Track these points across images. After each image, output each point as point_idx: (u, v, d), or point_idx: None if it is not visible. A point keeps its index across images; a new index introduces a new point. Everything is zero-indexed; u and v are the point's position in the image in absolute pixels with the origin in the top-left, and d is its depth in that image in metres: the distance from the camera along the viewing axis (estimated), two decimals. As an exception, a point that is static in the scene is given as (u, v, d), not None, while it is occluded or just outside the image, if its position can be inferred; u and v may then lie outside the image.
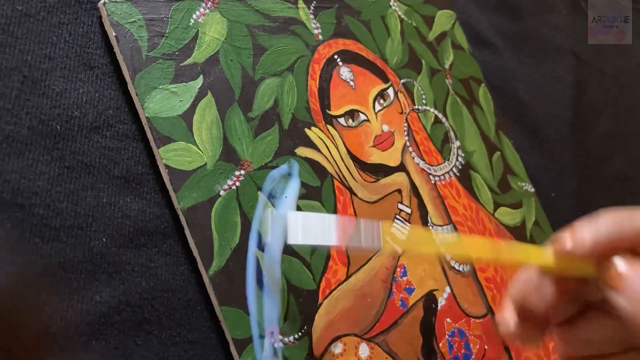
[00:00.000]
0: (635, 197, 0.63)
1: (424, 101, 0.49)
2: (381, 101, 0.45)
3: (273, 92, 0.39)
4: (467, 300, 0.44)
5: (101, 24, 0.35)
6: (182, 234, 0.34)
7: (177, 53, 0.36)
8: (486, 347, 0.44)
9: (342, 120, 0.42)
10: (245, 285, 0.34)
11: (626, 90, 0.70)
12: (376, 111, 0.45)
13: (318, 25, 0.43)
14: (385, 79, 0.46)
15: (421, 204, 0.44)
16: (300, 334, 0.35)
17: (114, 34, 0.34)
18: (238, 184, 0.36)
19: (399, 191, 0.44)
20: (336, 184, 0.40)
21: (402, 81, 0.48)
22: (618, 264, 0.24)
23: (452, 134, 0.50)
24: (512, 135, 0.55)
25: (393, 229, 0.42)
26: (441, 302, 0.43)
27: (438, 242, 0.28)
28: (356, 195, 0.41)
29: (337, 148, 0.41)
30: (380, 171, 0.43)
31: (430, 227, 0.44)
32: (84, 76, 0.34)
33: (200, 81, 0.36)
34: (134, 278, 0.33)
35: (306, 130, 0.40)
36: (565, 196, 0.58)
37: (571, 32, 0.67)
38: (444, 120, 0.50)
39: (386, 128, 0.45)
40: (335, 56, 0.44)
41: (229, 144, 0.36)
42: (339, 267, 0.38)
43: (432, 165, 0.47)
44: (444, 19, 0.54)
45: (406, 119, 0.47)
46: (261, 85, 0.39)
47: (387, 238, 0.28)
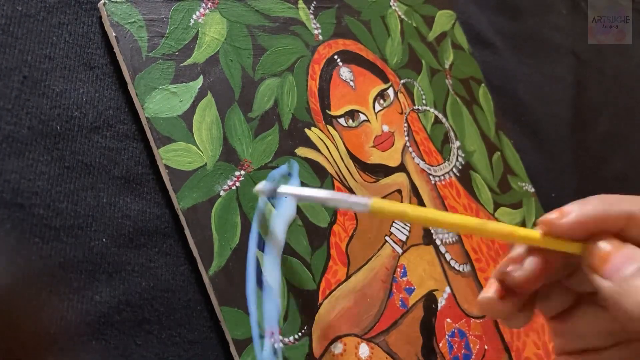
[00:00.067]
0: (636, 197, 0.63)
1: (424, 101, 0.49)
2: (381, 101, 0.45)
3: (273, 93, 0.39)
4: (467, 300, 0.44)
5: (101, 24, 0.35)
6: (182, 234, 0.34)
7: (177, 53, 0.36)
8: (486, 347, 0.44)
9: (342, 121, 0.42)
10: (245, 285, 0.34)
11: (626, 90, 0.70)
12: (376, 111, 0.45)
13: (318, 25, 0.43)
14: (385, 79, 0.46)
15: (421, 204, 0.44)
16: (300, 334, 0.35)
17: (114, 34, 0.34)
18: (238, 184, 0.36)
19: (399, 191, 0.44)
20: (336, 184, 0.40)
21: (402, 81, 0.48)
22: (602, 245, 0.24)
23: (452, 134, 0.50)
24: (512, 135, 0.55)
25: (392, 229, 0.42)
26: (441, 302, 0.43)
27: (429, 213, 0.28)
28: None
29: (337, 148, 0.41)
30: (380, 171, 0.43)
31: (431, 227, 0.44)
32: (84, 76, 0.34)
33: (200, 81, 0.36)
34: (134, 278, 0.33)
35: (306, 130, 0.40)
36: (565, 196, 0.58)
37: (571, 32, 0.67)
38: (444, 120, 0.50)
39: (386, 128, 0.45)
40: (335, 56, 0.44)
41: (229, 144, 0.36)
42: (339, 267, 0.38)
43: (432, 166, 0.47)
44: (444, 19, 0.54)
45: (406, 119, 0.47)
46: (261, 86, 0.39)
47: (377, 201, 0.28)
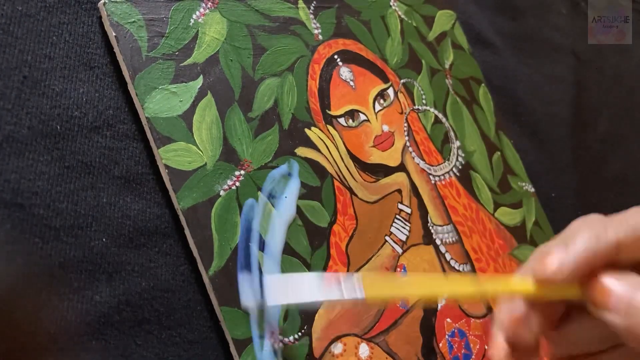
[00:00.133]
0: (636, 197, 0.63)
1: (424, 101, 0.49)
2: (381, 101, 0.45)
3: (273, 92, 0.39)
4: (467, 300, 0.44)
5: (101, 24, 0.35)
6: (182, 234, 0.34)
7: (177, 53, 0.36)
8: (486, 347, 0.44)
9: (342, 120, 0.42)
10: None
11: (626, 90, 0.70)
12: (376, 111, 0.45)
13: (318, 25, 0.43)
14: (385, 79, 0.46)
15: (421, 204, 0.44)
16: (300, 334, 0.35)
17: (114, 34, 0.34)
18: (238, 184, 0.36)
19: (399, 191, 0.44)
20: (336, 184, 0.40)
21: (402, 81, 0.48)
22: (603, 281, 0.24)
23: (452, 134, 0.50)
24: (512, 135, 0.55)
25: (392, 229, 0.42)
26: (441, 302, 0.43)
27: (423, 286, 0.28)
28: (356, 195, 0.41)
29: (337, 148, 0.41)
30: (380, 171, 0.43)
31: (430, 227, 0.44)
32: (84, 76, 0.34)
33: (200, 81, 0.36)
34: (134, 278, 0.33)
35: (306, 130, 0.40)
36: (565, 196, 0.58)
37: (571, 32, 0.67)
38: (444, 120, 0.50)
39: (386, 128, 0.45)
40: (335, 56, 0.44)
41: (229, 144, 0.36)
42: (339, 267, 0.38)
43: (432, 165, 0.47)
44: (444, 19, 0.54)
45: (406, 119, 0.47)
46: (261, 85, 0.39)
47: (369, 289, 0.27)
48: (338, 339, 0.37)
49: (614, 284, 0.24)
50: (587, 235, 0.24)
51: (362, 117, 0.43)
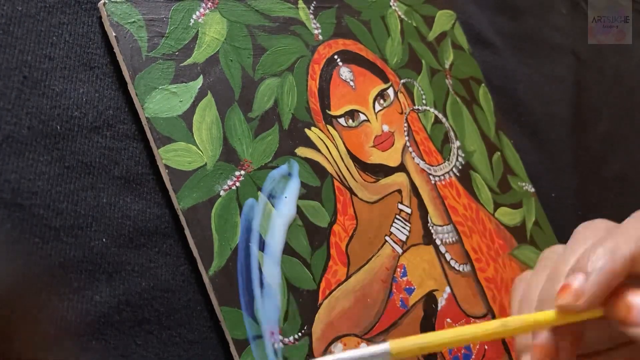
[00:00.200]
0: (635, 197, 0.63)
1: (424, 101, 0.49)
2: (381, 101, 0.45)
3: (273, 92, 0.39)
4: (467, 300, 0.44)
5: (101, 24, 0.35)
6: (182, 234, 0.34)
7: (177, 53, 0.36)
8: (486, 347, 0.44)
9: (342, 121, 0.42)
10: (246, 285, 0.34)
11: (626, 90, 0.70)
12: (376, 111, 0.45)
13: (318, 25, 0.43)
14: (385, 79, 0.46)
15: (421, 204, 0.44)
16: (300, 334, 0.35)
17: (114, 34, 0.34)
18: (238, 184, 0.36)
19: (399, 191, 0.44)
20: (336, 184, 0.40)
21: (402, 81, 0.48)
22: (630, 300, 0.24)
23: (452, 134, 0.50)
24: (512, 135, 0.55)
25: (392, 229, 0.42)
26: (441, 302, 0.43)
27: (446, 336, 0.27)
28: (356, 196, 0.41)
29: (337, 148, 0.41)
30: (380, 171, 0.43)
31: (431, 227, 0.44)
32: (84, 76, 0.34)
33: (200, 81, 0.36)
34: (134, 278, 0.33)
35: (306, 130, 0.40)
36: (565, 196, 0.58)
37: (571, 32, 0.67)
38: (444, 120, 0.50)
39: (386, 128, 0.45)
40: (335, 56, 0.44)
41: (229, 144, 0.36)
42: (339, 267, 0.38)
43: (432, 166, 0.47)
44: (444, 19, 0.54)
45: (406, 119, 0.47)
46: (261, 86, 0.39)
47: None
48: (338, 339, 0.37)
49: (632, 301, 0.24)
50: (602, 255, 0.24)
51: (362, 117, 0.43)
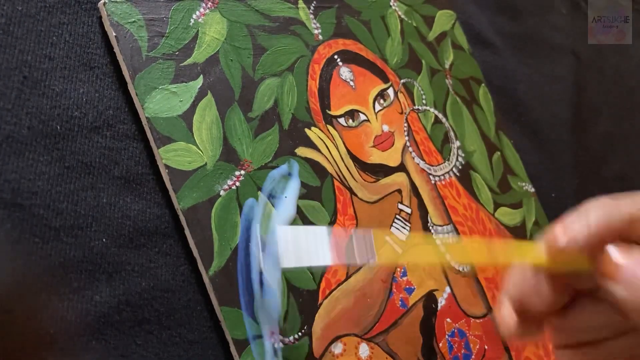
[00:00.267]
0: (635, 197, 0.63)
1: (424, 101, 0.49)
2: (381, 101, 0.45)
3: (273, 92, 0.39)
4: (467, 300, 0.44)
5: (101, 24, 0.35)
6: (182, 234, 0.34)
7: (177, 53, 0.36)
8: (486, 347, 0.44)
9: (342, 120, 0.42)
10: (246, 285, 0.34)
11: (626, 90, 0.70)
12: (376, 111, 0.45)
13: (318, 25, 0.43)
14: (385, 79, 0.46)
15: (421, 204, 0.44)
16: (300, 334, 0.35)
17: (114, 34, 0.34)
18: (238, 184, 0.36)
19: (399, 191, 0.44)
20: (336, 184, 0.40)
21: (402, 81, 0.48)
22: (613, 254, 0.24)
23: (452, 134, 0.50)
24: (512, 135, 0.55)
25: (392, 229, 0.42)
26: (441, 302, 0.43)
27: (434, 251, 0.28)
28: (356, 196, 0.41)
29: (337, 148, 0.41)
30: (380, 171, 0.43)
31: (431, 227, 0.44)
32: (84, 76, 0.34)
33: (200, 81, 0.36)
34: (134, 278, 0.33)
35: (306, 130, 0.40)
36: (565, 196, 0.58)
37: (571, 32, 0.67)
38: (444, 120, 0.50)
39: (386, 128, 0.45)
40: (335, 56, 0.44)
41: (229, 144, 0.36)
42: (339, 267, 0.38)
43: (432, 166, 0.47)
44: (444, 19, 0.54)
45: (406, 119, 0.47)
46: (261, 85, 0.39)
47: (381, 251, 0.28)
48: (338, 339, 0.37)
49: (623, 257, 0.24)
50: (600, 210, 0.25)
51: (362, 117, 0.43)
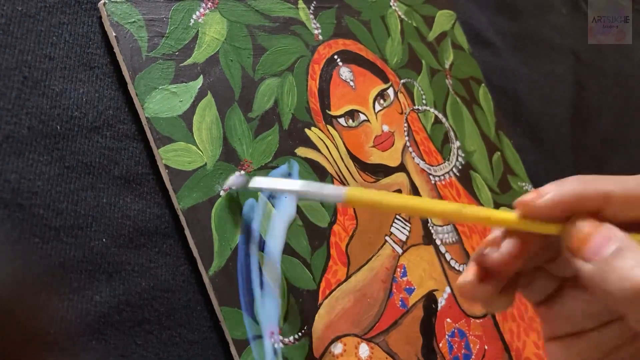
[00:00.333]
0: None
1: (424, 101, 0.49)
2: (381, 101, 0.45)
3: (273, 92, 0.39)
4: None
5: (101, 24, 0.35)
6: (182, 234, 0.34)
7: (177, 53, 0.36)
8: (486, 347, 0.44)
9: (342, 121, 0.42)
10: (246, 285, 0.34)
11: (626, 90, 0.70)
12: (376, 111, 0.45)
13: (318, 25, 0.43)
14: (385, 79, 0.46)
15: (421, 204, 0.44)
16: (300, 334, 0.35)
17: (114, 34, 0.34)
18: (238, 184, 0.36)
19: (399, 191, 0.44)
20: (336, 184, 0.40)
21: (402, 81, 0.48)
22: (581, 225, 0.24)
23: (452, 134, 0.50)
24: (512, 135, 0.55)
25: (392, 229, 0.42)
26: (441, 302, 0.43)
27: (404, 199, 0.28)
28: (356, 195, 0.41)
29: (337, 148, 0.41)
30: (380, 171, 0.43)
31: (430, 227, 0.44)
32: (84, 76, 0.34)
33: (200, 81, 0.36)
34: (134, 278, 0.33)
35: (306, 130, 0.40)
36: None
37: (571, 32, 0.67)
38: (444, 120, 0.50)
39: (386, 128, 0.45)
40: (335, 56, 0.44)
41: (229, 144, 0.36)
42: (339, 267, 0.38)
43: (432, 166, 0.47)
44: (444, 19, 0.54)
45: (406, 119, 0.47)
46: (261, 86, 0.39)
47: (351, 192, 0.28)
48: (338, 339, 0.37)
49: (591, 232, 0.23)
50: (577, 180, 0.24)
51: (362, 117, 0.43)
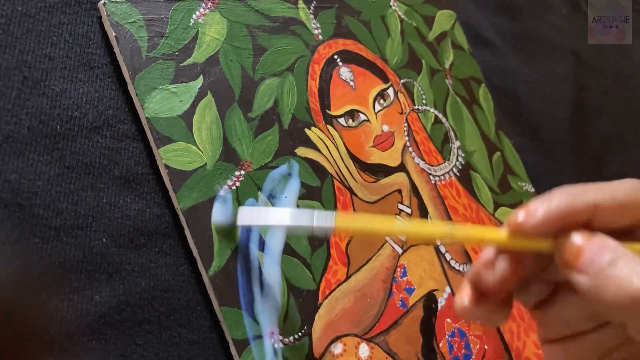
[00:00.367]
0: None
1: (424, 101, 0.49)
2: (381, 101, 0.45)
3: (273, 92, 0.39)
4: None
5: (101, 24, 0.35)
6: (182, 234, 0.34)
7: (177, 53, 0.36)
8: (486, 347, 0.44)
9: (342, 121, 0.42)
10: (246, 285, 0.34)
11: (626, 90, 0.70)
12: (376, 111, 0.45)
13: (318, 25, 0.43)
14: (385, 79, 0.46)
15: (421, 204, 0.44)
16: (300, 334, 0.35)
17: (114, 34, 0.34)
18: (238, 184, 0.36)
19: (399, 191, 0.44)
20: (336, 184, 0.40)
21: (402, 81, 0.48)
22: (573, 238, 0.23)
23: (452, 134, 0.50)
24: (512, 135, 0.55)
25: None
26: (441, 302, 0.43)
27: (394, 223, 0.28)
28: (356, 196, 0.41)
29: (337, 148, 0.41)
30: (380, 171, 0.43)
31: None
32: (84, 76, 0.34)
33: (200, 81, 0.36)
34: (134, 278, 0.33)
35: (306, 130, 0.40)
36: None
37: (571, 32, 0.67)
38: (444, 120, 0.50)
39: (386, 128, 0.45)
40: (335, 56, 0.44)
41: (228, 144, 0.36)
42: (339, 267, 0.38)
43: (432, 166, 0.47)
44: (444, 19, 0.54)
45: (406, 119, 0.47)
46: (261, 86, 0.39)
47: (340, 220, 0.28)
48: (338, 339, 0.37)
49: (584, 243, 0.23)
50: (564, 193, 0.24)
51: (362, 117, 0.43)
